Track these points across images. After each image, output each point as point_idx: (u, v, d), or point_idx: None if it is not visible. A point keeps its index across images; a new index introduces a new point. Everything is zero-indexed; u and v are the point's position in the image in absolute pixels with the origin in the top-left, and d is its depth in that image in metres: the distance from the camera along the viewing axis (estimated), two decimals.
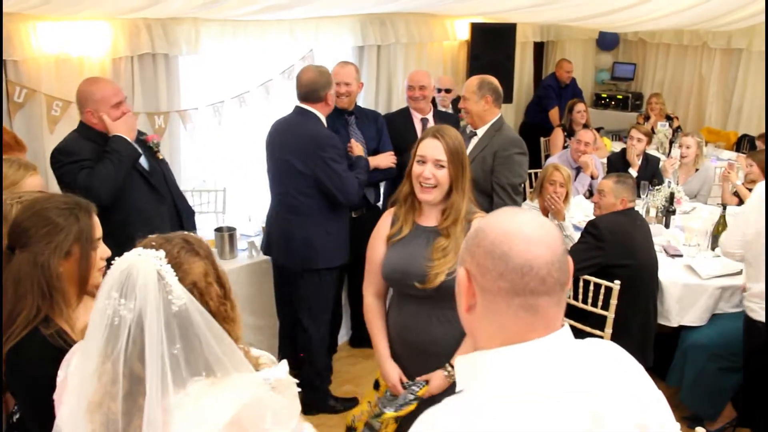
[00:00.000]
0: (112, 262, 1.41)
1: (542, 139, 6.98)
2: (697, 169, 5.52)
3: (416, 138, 4.45)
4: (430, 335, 2.44)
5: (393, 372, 2.51)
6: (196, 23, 4.35)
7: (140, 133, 3.33)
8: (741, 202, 5.07)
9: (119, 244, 1.89)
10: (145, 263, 1.33)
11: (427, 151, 2.36)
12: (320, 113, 3.72)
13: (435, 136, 2.38)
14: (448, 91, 5.46)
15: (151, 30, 4.13)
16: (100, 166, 2.96)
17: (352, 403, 4.00)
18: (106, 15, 3.94)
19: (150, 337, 1.27)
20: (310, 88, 3.68)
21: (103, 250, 1.88)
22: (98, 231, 1.87)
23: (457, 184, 2.39)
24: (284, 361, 1.48)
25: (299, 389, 1.52)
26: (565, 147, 6.11)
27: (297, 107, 3.77)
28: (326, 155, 3.60)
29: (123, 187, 3.04)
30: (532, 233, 1.14)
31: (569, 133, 6.35)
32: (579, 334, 3.72)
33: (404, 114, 4.69)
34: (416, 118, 4.64)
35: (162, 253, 1.35)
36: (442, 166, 2.36)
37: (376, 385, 2.64)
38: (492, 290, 1.15)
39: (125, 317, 1.29)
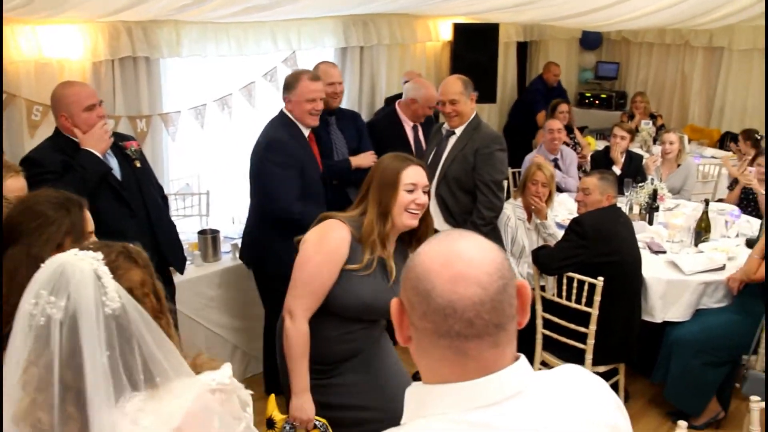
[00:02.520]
0: None
1: (532, 141, 6.96)
2: (678, 165, 5.56)
3: (407, 145, 4.45)
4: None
5: (312, 407, 2.40)
6: (177, 26, 4.33)
7: (120, 137, 3.21)
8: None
9: None
10: (82, 262, 1.27)
11: (417, 178, 2.38)
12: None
13: (418, 163, 2.42)
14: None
15: (131, 33, 4.11)
16: (65, 180, 2.82)
17: None
18: (86, 18, 3.91)
19: (86, 339, 1.20)
20: None
21: None
22: (90, 225, 1.88)
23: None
24: (227, 364, 1.40)
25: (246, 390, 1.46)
26: None
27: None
28: None
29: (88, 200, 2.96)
30: (462, 269, 1.02)
31: None
32: (563, 331, 3.75)
33: (391, 119, 4.62)
34: (408, 125, 4.57)
35: (100, 254, 1.30)
36: (426, 192, 2.41)
37: (270, 424, 2.43)
38: (419, 328, 1.05)
39: (54, 316, 1.21)
